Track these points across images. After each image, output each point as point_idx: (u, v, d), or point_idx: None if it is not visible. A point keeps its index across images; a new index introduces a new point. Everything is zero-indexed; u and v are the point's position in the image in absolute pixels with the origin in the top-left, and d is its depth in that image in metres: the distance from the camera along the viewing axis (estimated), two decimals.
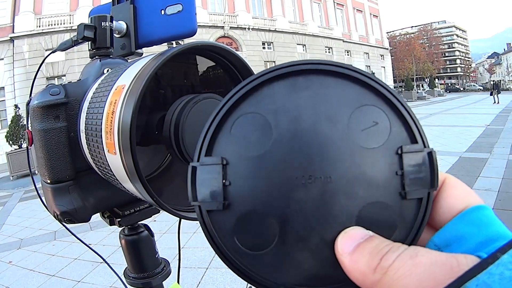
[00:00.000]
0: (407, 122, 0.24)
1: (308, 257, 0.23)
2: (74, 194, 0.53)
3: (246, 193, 0.23)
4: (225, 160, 0.24)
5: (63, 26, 16.83)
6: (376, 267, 0.20)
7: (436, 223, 0.25)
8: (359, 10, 32.70)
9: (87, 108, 0.46)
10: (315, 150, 0.23)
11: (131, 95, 0.34)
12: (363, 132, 0.23)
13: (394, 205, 0.23)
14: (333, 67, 0.24)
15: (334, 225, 0.23)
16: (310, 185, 0.23)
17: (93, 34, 0.57)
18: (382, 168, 0.23)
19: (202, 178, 0.23)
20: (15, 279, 3.20)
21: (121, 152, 0.34)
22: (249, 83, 0.24)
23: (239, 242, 0.23)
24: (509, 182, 4.45)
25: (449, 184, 0.25)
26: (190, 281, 2.76)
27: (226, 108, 0.24)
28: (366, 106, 0.24)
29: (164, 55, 0.35)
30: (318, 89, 0.24)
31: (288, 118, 0.24)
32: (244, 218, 0.23)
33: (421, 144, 0.24)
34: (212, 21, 20.97)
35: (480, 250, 0.21)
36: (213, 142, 0.24)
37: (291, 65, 0.24)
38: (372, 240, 0.22)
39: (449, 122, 11.29)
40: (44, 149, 0.52)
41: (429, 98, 31.39)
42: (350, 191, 0.23)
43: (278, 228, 0.23)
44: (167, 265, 0.69)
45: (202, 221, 0.23)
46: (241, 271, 0.23)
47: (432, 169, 0.23)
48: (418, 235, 0.24)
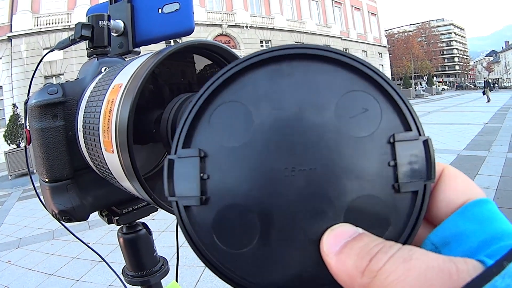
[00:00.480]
0: (400, 108, 0.22)
1: (292, 256, 0.21)
2: (72, 193, 0.53)
3: (225, 187, 0.22)
4: (203, 152, 0.22)
5: (61, 25, 16.78)
6: (365, 269, 0.18)
7: (434, 218, 0.23)
8: (357, 8, 32.68)
9: (85, 107, 0.46)
10: (299, 140, 0.21)
11: (128, 94, 0.34)
12: (351, 120, 0.22)
13: (386, 199, 0.21)
14: (319, 51, 0.22)
15: (320, 222, 0.21)
16: (293, 178, 0.21)
17: (91, 33, 0.57)
18: (373, 159, 0.21)
19: (179, 171, 0.22)
20: (14, 278, 3.20)
21: (119, 150, 0.34)
22: (228, 70, 0.23)
23: (218, 240, 0.22)
24: (507, 180, 4.46)
25: (448, 176, 0.23)
26: (189, 280, 2.77)
27: (205, 97, 0.23)
28: (354, 92, 0.22)
29: (161, 54, 0.35)
30: (303, 75, 0.22)
31: (270, 106, 0.22)
32: (223, 214, 0.22)
33: (416, 132, 0.22)
34: (210, 19, 20.94)
35: (482, 250, 0.19)
36: (191, 134, 0.23)
37: (274, 50, 0.22)
38: (361, 239, 0.20)
39: (447, 120, 11.30)
40: (42, 148, 0.52)
41: (427, 96, 31.43)
42: (337, 184, 0.21)
43: (260, 225, 0.21)
44: (165, 263, 0.69)
45: (179, 217, 0.22)
46: (220, 271, 0.22)
47: (428, 159, 0.21)
48: (414, 232, 0.21)
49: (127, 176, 0.35)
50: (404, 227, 0.21)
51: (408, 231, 0.21)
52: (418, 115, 0.22)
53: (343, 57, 0.22)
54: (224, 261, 0.22)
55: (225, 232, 0.22)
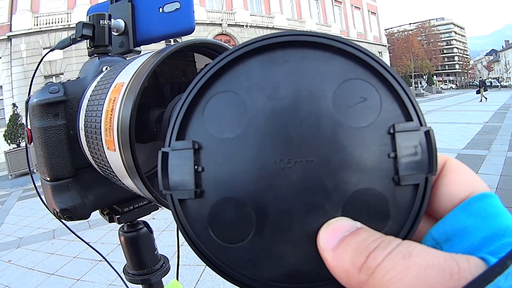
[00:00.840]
0: (400, 97, 0.21)
1: (288, 251, 0.21)
2: (73, 192, 0.53)
3: (220, 180, 0.21)
4: (197, 144, 0.21)
5: (60, 24, 16.76)
6: (362, 266, 0.18)
7: (435, 212, 0.22)
8: (357, 7, 32.65)
9: (86, 106, 0.46)
10: (295, 131, 0.21)
11: (130, 92, 0.34)
12: (349, 109, 0.21)
13: (386, 192, 0.20)
14: (315, 38, 0.21)
15: (317, 216, 0.20)
16: (289, 170, 0.20)
17: (92, 32, 0.57)
18: (372, 150, 0.21)
19: (173, 164, 0.21)
20: (14, 278, 3.20)
21: (121, 148, 0.34)
22: (221, 60, 0.22)
23: (213, 233, 0.21)
24: (507, 179, 4.46)
25: (450, 168, 0.22)
26: (189, 279, 2.77)
27: (198, 88, 0.22)
28: (352, 80, 0.21)
29: (163, 53, 0.35)
30: (298, 63, 0.21)
31: (264, 95, 0.21)
32: (218, 207, 0.21)
33: (417, 122, 0.21)
34: (210, 19, 20.91)
35: (484, 247, 0.19)
36: (185, 125, 0.22)
37: (268, 38, 0.22)
38: (359, 234, 0.19)
39: (447, 119, 11.30)
40: (44, 147, 0.52)
41: (427, 95, 31.41)
42: (335, 176, 0.20)
43: (255, 218, 0.21)
44: (166, 262, 0.69)
45: (174, 211, 0.22)
46: (216, 266, 0.21)
47: (430, 151, 0.20)
48: (414, 227, 0.21)
49: (129, 174, 0.35)
50: (404, 221, 0.21)
51: (409, 226, 0.21)
52: (419, 104, 0.21)
53: (340, 43, 0.21)
54: (220, 255, 0.21)
55: (220, 225, 0.21)
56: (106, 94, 0.40)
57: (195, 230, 0.21)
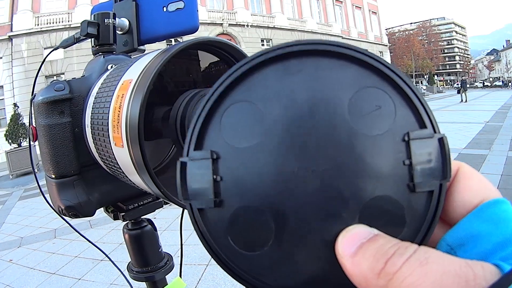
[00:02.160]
0: (414, 104, 0.21)
1: (307, 258, 0.21)
2: (78, 189, 0.54)
3: (238, 189, 0.21)
4: (215, 154, 0.22)
5: (61, 24, 16.76)
6: (381, 271, 0.18)
7: (449, 218, 0.22)
8: (358, 7, 32.64)
9: (93, 103, 0.46)
10: (311, 139, 0.21)
11: (138, 89, 0.35)
12: (365, 118, 0.21)
13: (401, 199, 0.21)
14: (329, 47, 0.22)
15: (335, 223, 0.21)
16: (307, 178, 0.21)
17: (96, 31, 0.58)
18: (387, 158, 0.21)
19: (192, 174, 0.22)
20: (15, 277, 3.21)
21: (129, 144, 0.35)
22: (237, 70, 0.22)
23: (233, 242, 0.21)
24: (508, 179, 4.46)
25: (464, 175, 0.23)
26: (191, 278, 2.78)
27: (214, 98, 0.22)
28: (367, 88, 0.21)
29: (171, 51, 0.35)
30: (313, 72, 0.22)
31: (280, 105, 0.21)
32: (237, 216, 0.21)
33: (431, 129, 0.21)
34: (210, 18, 20.92)
35: (497, 253, 0.19)
36: (203, 135, 0.22)
37: (282, 47, 0.22)
38: (377, 240, 0.19)
39: (448, 119, 11.28)
40: (49, 145, 0.52)
41: (428, 95, 31.39)
42: (351, 184, 0.21)
43: (274, 226, 0.21)
44: (170, 259, 0.70)
45: (193, 220, 0.22)
46: (236, 273, 0.22)
47: (444, 158, 0.21)
48: (429, 233, 0.21)
49: (137, 170, 0.35)
50: (420, 227, 0.21)
51: (424, 232, 0.21)
52: (432, 111, 0.21)
53: (353, 51, 0.22)
54: (239, 263, 0.22)
55: (239, 234, 0.22)
56: (113, 91, 0.40)
57: (214, 238, 0.22)
